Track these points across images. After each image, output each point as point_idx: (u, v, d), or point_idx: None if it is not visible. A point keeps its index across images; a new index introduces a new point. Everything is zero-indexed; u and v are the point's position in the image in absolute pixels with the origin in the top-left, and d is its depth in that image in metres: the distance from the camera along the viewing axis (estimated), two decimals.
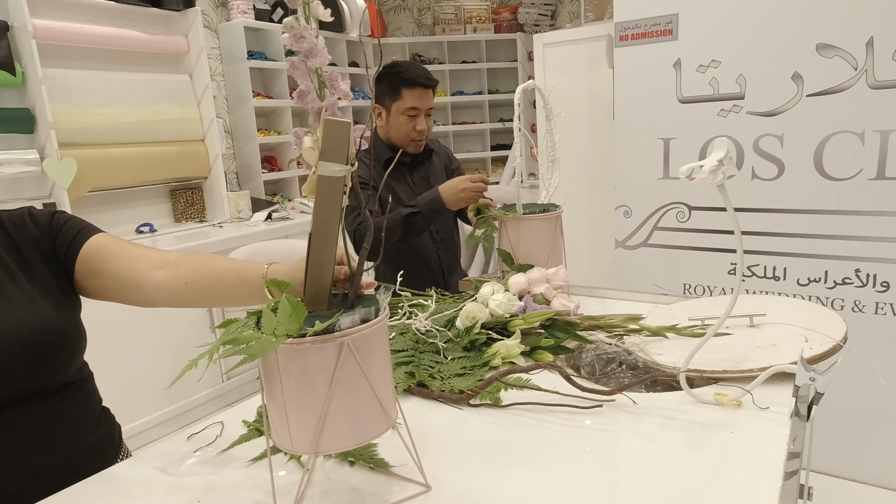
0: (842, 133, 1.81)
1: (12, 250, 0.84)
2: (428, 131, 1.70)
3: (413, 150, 1.72)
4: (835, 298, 1.90)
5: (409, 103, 1.63)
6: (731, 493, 0.67)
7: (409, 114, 1.64)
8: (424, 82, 1.63)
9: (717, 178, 0.78)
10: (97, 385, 0.93)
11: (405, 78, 1.63)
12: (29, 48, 2.39)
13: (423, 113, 1.66)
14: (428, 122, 1.68)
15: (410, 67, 1.66)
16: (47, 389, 0.80)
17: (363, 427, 0.61)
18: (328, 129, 0.57)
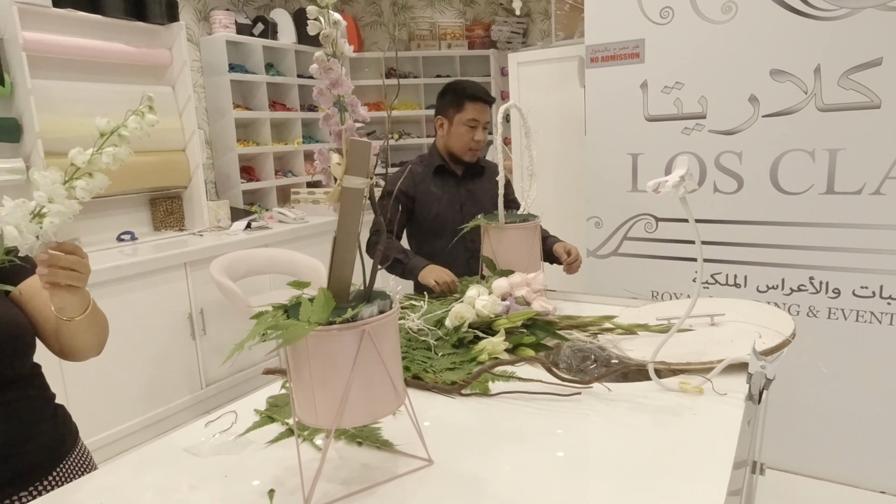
0: (794, 151, 1.98)
1: None
2: (483, 143, 1.85)
3: (469, 159, 1.86)
4: (791, 304, 2.06)
5: (470, 115, 1.78)
6: (692, 464, 0.77)
7: (469, 124, 1.79)
8: (485, 98, 1.81)
9: (679, 191, 0.90)
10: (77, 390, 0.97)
11: (469, 93, 1.81)
12: (19, 59, 2.41)
13: (481, 125, 1.81)
14: (483, 134, 1.83)
15: (473, 84, 1.85)
16: (7, 379, 0.85)
17: (379, 404, 0.70)
18: (352, 148, 0.67)
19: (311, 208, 3.74)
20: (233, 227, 3.28)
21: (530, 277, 1.30)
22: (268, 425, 0.92)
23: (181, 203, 3.36)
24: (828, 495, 2.00)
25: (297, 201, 3.84)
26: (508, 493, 0.72)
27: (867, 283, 1.93)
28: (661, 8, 2.07)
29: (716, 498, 0.69)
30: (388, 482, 0.76)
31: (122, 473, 0.82)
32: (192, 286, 2.83)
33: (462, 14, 4.83)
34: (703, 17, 2.02)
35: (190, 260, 2.81)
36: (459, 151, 1.84)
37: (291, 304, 0.72)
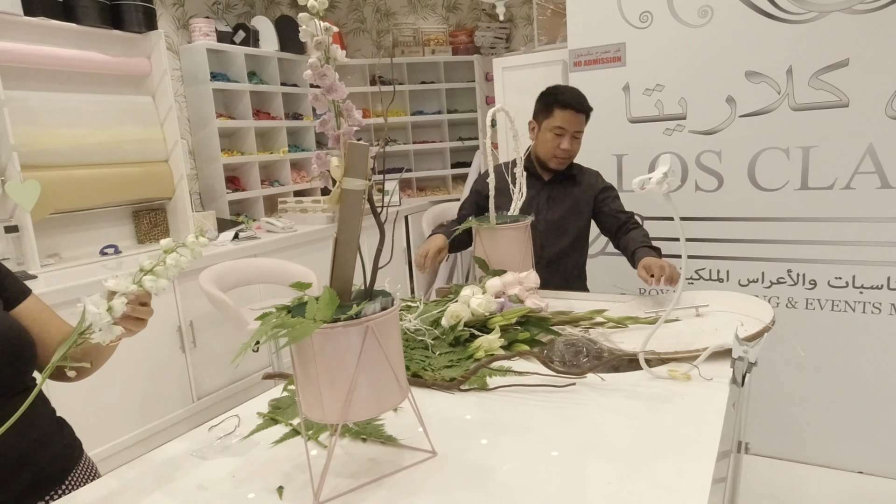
0: (770, 149, 2.05)
1: None
2: (573, 152, 1.82)
3: (555, 166, 1.83)
4: (771, 296, 2.13)
5: (557, 122, 1.76)
6: (683, 443, 0.81)
7: (556, 132, 1.76)
8: (576, 106, 1.76)
9: (662, 188, 0.94)
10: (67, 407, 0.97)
11: (559, 100, 1.77)
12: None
13: (570, 134, 1.77)
14: (573, 143, 1.79)
15: (567, 91, 1.81)
16: (12, 391, 0.86)
17: (384, 398, 0.72)
18: (351, 151, 0.69)
19: (299, 217, 3.74)
20: (220, 238, 3.27)
21: (522, 276, 1.34)
22: (271, 427, 0.94)
23: (165, 215, 3.34)
24: (808, 477, 2.06)
25: (285, 210, 3.83)
26: (513, 480, 0.75)
27: (841, 274, 2.00)
28: (640, 12, 2.14)
29: (705, 475, 0.72)
30: (395, 474, 0.78)
31: (130, 478, 0.83)
32: (181, 298, 2.81)
33: (445, 20, 4.88)
34: (680, 21, 2.09)
35: None
36: (545, 157, 1.82)
37: (295, 304, 0.74)
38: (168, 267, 0.74)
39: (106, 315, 0.69)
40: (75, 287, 2.31)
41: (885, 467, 2.01)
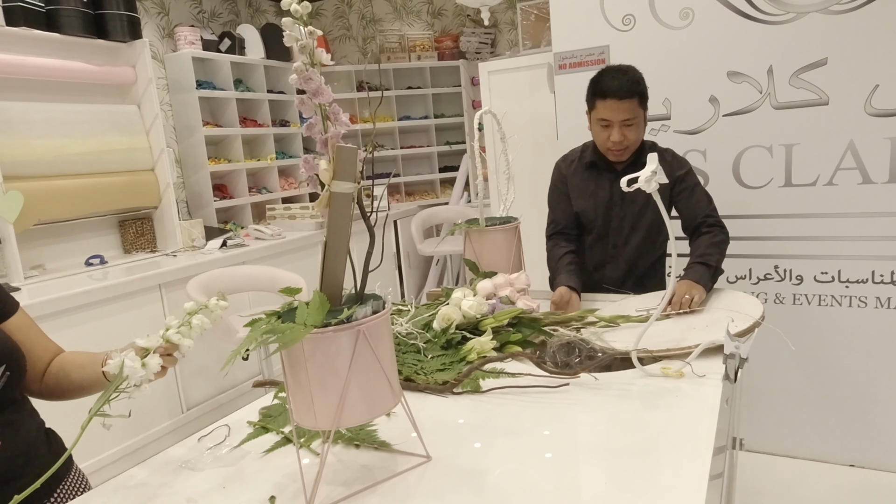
0: (754, 147, 2.07)
1: None
2: (628, 142, 1.58)
3: (613, 159, 1.64)
4: (759, 292, 2.15)
5: (600, 114, 1.57)
6: (678, 441, 0.81)
7: (601, 124, 1.58)
8: (616, 93, 1.53)
9: (651, 185, 0.94)
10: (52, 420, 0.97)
11: (598, 88, 1.57)
12: None
13: (618, 124, 1.55)
14: (627, 132, 1.56)
15: (608, 76, 1.57)
16: (5, 400, 0.85)
17: (377, 403, 0.72)
18: (340, 154, 0.69)
19: (287, 223, 3.72)
20: (208, 246, 3.24)
21: (513, 277, 1.33)
22: (262, 436, 0.93)
23: (152, 224, 3.31)
24: (800, 472, 2.08)
25: (274, 217, 3.81)
26: (508, 482, 0.75)
27: (827, 269, 2.03)
28: (623, 15, 2.16)
29: (701, 472, 0.73)
30: (389, 480, 0.77)
31: (119, 492, 0.81)
32: (168, 308, 2.78)
33: (430, 26, 4.89)
34: (662, 23, 2.11)
35: (164, 281, 2.76)
36: (602, 151, 1.64)
37: (285, 310, 0.74)
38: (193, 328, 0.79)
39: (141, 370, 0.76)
40: (59, 298, 2.26)
41: (877, 459, 2.04)
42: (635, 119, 1.57)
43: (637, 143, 1.62)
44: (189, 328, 0.77)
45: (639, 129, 1.60)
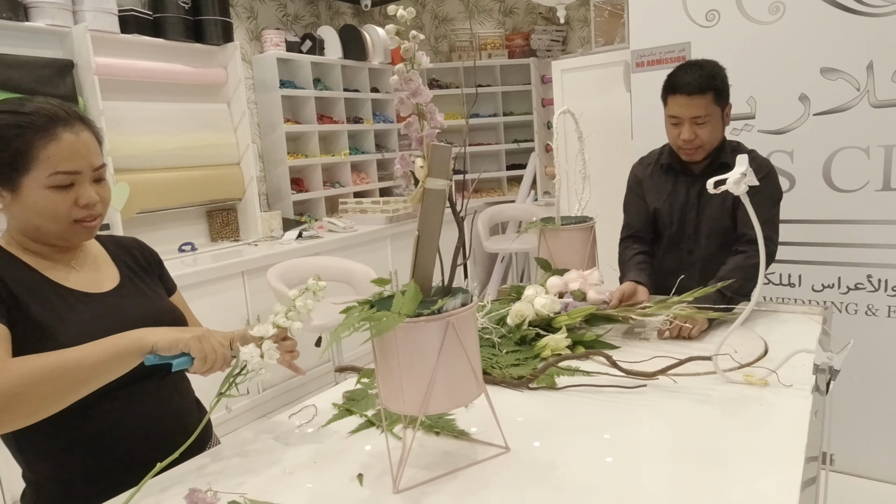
0: (848, 148, 1.94)
1: (135, 263, 1.07)
2: (700, 141, 1.50)
3: (686, 158, 1.57)
4: (849, 303, 2.01)
5: (670, 110, 1.51)
6: (761, 452, 0.79)
7: (672, 121, 1.52)
8: (684, 89, 1.46)
9: (740, 187, 0.92)
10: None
11: (668, 84, 1.52)
12: (91, 83, 2.61)
13: (688, 121, 1.48)
14: (699, 131, 1.48)
15: (681, 71, 1.51)
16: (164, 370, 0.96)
17: (462, 392, 0.75)
18: (434, 152, 0.73)
19: (358, 217, 3.85)
20: (285, 237, 3.42)
21: (586, 273, 1.34)
22: (346, 417, 0.99)
23: (236, 214, 3.53)
24: (891, 498, 1.93)
25: (345, 211, 3.96)
26: (585, 478, 0.76)
27: None
28: (707, 11, 2.08)
29: (787, 486, 0.71)
30: (469, 467, 0.81)
31: (219, 458, 0.90)
32: (249, 294, 2.96)
33: (501, 24, 4.90)
34: (749, 18, 2.02)
35: (246, 269, 2.95)
36: (675, 150, 1.58)
37: (376, 299, 0.79)
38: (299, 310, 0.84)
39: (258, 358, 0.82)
40: None
41: None
42: (707, 117, 1.48)
43: (712, 142, 1.53)
44: (296, 312, 0.83)
45: (712, 127, 1.50)
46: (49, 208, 0.87)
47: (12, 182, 0.87)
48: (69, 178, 0.88)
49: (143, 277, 1.05)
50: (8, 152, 0.85)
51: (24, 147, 0.85)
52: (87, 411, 0.87)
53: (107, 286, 0.98)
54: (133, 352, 0.80)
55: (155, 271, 1.10)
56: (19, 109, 0.88)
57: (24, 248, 0.92)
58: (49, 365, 0.77)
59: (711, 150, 1.55)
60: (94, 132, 0.93)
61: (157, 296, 1.05)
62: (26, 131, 0.86)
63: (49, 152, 0.86)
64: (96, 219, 0.93)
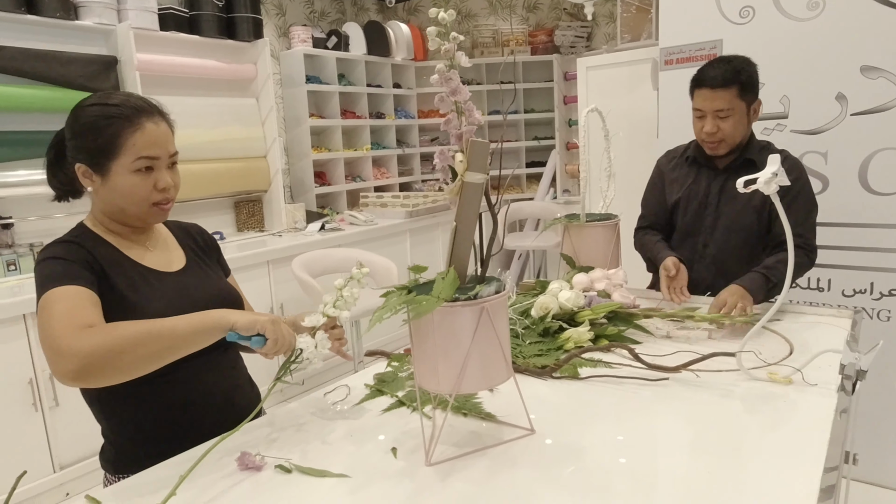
0: (887, 150, 1.91)
1: (196, 246, 1.15)
2: (723, 135, 1.53)
3: (709, 152, 1.59)
4: (881, 309, 1.99)
5: (696, 104, 1.55)
6: (784, 448, 0.80)
7: (696, 115, 1.55)
8: (709, 82, 1.50)
9: (771, 186, 0.93)
10: None
11: (695, 77, 1.55)
12: (133, 79, 2.71)
13: (710, 114, 1.51)
14: (722, 124, 1.51)
15: (708, 65, 1.55)
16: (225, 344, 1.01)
17: (493, 374, 0.78)
18: (473, 147, 0.76)
19: (379, 211, 3.90)
20: (308, 229, 3.48)
21: (611, 273, 1.35)
22: (378, 397, 1.03)
23: (261, 206, 3.61)
24: None
25: (366, 205, 4.01)
26: (608, 462, 0.79)
27: None
28: (740, 7, 2.07)
29: (809, 483, 0.71)
30: (496, 446, 0.84)
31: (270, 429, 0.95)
32: (274, 283, 3.03)
33: (525, 20, 4.89)
34: (786, 14, 2.00)
35: (271, 258, 3.02)
36: (699, 143, 1.61)
37: (413, 285, 0.82)
38: (346, 299, 0.90)
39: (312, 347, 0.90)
40: None
41: None
42: (731, 110, 1.50)
43: (735, 137, 1.54)
44: (343, 301, 0.88)
45: (736, 121, 1.52)
46: (133, 191, 0.96)
47: (103, 167, 0.96)
48: (150, 162, 0.96)
49: (205, 259, 1.14)
50: (101, 140, 0.95)
51: (114, 135, 0.95)
52: (165, 377, 0.95)
53: (175, 266, 1.07)
54: (217, 328, 0.87)
55: (213, 255, 1.18)
56: (107, 101, 0.97)
57: (107, 228, 1.02)
58: (146, 330, 0.84)
59: (735, 145, 1.56)
60: (170, 123, 1.02)
61: (218, 277, 1.14)
62: (116, 121, 0.95)
63: (135, 140, 0.95)
64: (170, 202, 1.01)
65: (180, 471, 0.76)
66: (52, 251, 0.94)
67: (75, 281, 0.90)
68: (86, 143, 0.96)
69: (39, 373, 2.16)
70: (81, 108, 0.98)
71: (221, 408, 1.02)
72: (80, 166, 0.97)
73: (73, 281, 0.90)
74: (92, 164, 0.96)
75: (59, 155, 1.02)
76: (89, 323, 0.85)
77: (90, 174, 0.97)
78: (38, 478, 2.18)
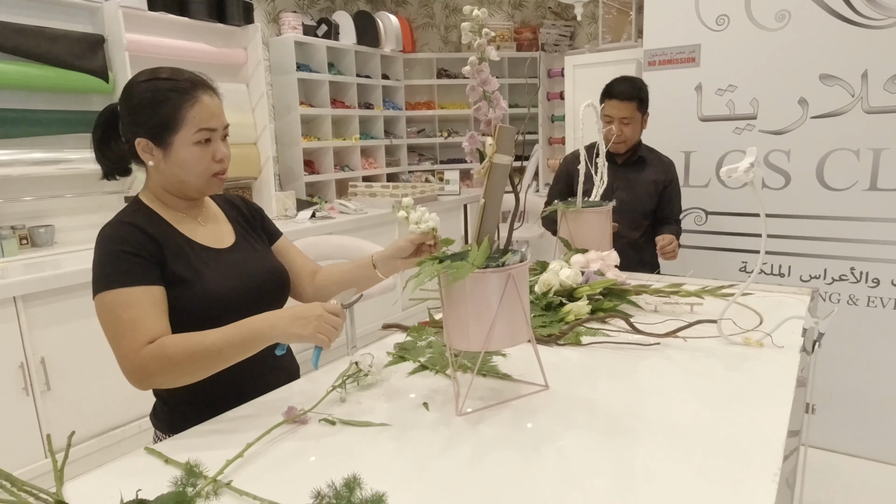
0: (840, 150, 2.11)
1: (242, 218, 1.20)
2: (624, 137, 2.04)
3: (612, 150, 2.04)
4: (832, 293, 2.19)
5: (605, 111, 2.02)
6: (756, 399, 0.95)
7: (605, 120, 2.02)
8: (619, 95, 2.01)
9: (749, 176, 1.08)
10: None
11: (606, 90, 2.04)
12: (122, 59, 2.70)
13: (617, 120, 2.01)
14: (625, 129, 2.02)
15: (616, 82, 2.04)
16: None
17: (516, 333, 0.90)
18: (501, 133, 0.87)
19: (367, 200, 3.98)
20: (299, 216, 3.54)
21: (604, 255, 1.49)
22: (400, 363, 1.14)
23: (251, 193, 3.64)
24: (861, 472, 2.13)
25: (355, 194, 4.08)
26: (616, 409, 0.92)
27: None
28: (717, 16, 2.23)
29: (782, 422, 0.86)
30: (516, 399, 0.96)
31: (303, 390, 1.05)
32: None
33: (511, 17, 5.01)
34: (757, 24, 2.17)
35: None
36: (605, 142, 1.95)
37: (444, 256, 0.93)
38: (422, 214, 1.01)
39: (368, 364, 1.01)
40: None
41: None
42: (632, 118, 2.02)
43: (633, 139, 2.08)
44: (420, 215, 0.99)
45: (634, 127, 2.05)
46: (195, 163, 1.00)
47: (164, 141, 0.99)
48: (209, 134, 1.00)
49: (251, 233, 1.18)
50: (162, 114, 0.98)
51: (174, 109, 0.98)
52: None
53: (226, 242, 1.11)
54: (261, 344, 0.94)
55: (258, 223, 1.22)
56: (159, 76, 1.00)
57: (163, 203, 1.05)
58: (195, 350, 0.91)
59: (632, 145, 2.10)
60: (220, 96, 1.06)
61: (266, 251, 1.18)
62: (175, 95, 0.98)
63: (194, 112, 0.98)
64: (226, 172, 1.06)
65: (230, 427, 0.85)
66: (113, 237, 0.96)
67: (139, 281, 0.94)
68: (145, 118, 0.98)
69: (30, 356, 2.12)
70: (135, 84, 1.00)
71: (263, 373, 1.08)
72: (140, 141, 0.99)
73: (137, 281, 0.93)
74: (153, 138, 0.98)
75: (106, 133, 1.04)
76: (153, 336, 0.92)
77: (151, 148, 0.99)
78: (29, 463, 2.14)
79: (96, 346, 2.04)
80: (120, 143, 1.04)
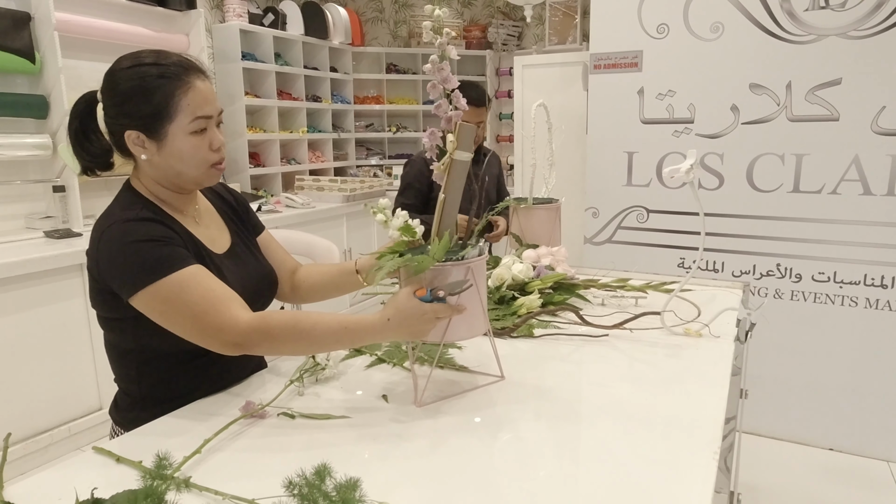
0: (768, 155, 2.28)
1: (234, 214, 1.13)
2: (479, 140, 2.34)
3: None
4: (761, 287, 2.36)
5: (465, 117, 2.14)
6: (696, 384, 1.02)
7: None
8: (475, 102, 2.23)
9: (689, 176, 1.15)
10: None
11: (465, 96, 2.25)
12: (50, 38, 2.52)
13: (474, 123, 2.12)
14: (479, 131, 2.27)
15: (470, 89, 2.17)
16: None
17: (474, 325, 0.92)
18: (461, 130, 0.89)
19: (315, 194, 3.91)
20: None
21: (554, 250, 1.54)
22: (356, 357, 1.14)
23: None
24: (783, 453, 2.31)
25: (302, 188, 4.00)
26: (569, 396, 0.96)
27: (824, 270, 2.24)
28: (657, 24, 2.34)
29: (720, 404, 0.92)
30: (473, 390, 0.98)
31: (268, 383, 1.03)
32: None
33: (459, 14, 5.04)
34: (694, 34, 2.30)
35: None
36: None
37: (405, 250, 0.94)
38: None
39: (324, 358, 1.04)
40: None
41: (855, 445, 2.27)
42: (482, 122, 2.29)
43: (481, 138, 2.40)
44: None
45: (484, 127, 2.35)
46: (193, 154, 0.91)
47: (159, 132, 0.90)
48: (205, 122, 0.92)
49: (243, 230, 1.13)
50: (154, 103, 0.89)
51: (167, 96, 0.89)
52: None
53: (223, 245, 1.05)
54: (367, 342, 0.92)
55: (244, 216, 1.15)
56: (144, 61, 0.90)
57: (158, 197, 0.96)
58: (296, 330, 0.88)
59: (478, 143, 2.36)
60: (210, 80, 0.97)
61: (256, 252, 1.13)
62: (166, 81, 0.89)
63: (188, 100, 0.89)
64: (223, 161, 0.98)
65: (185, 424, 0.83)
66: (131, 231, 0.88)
67: (187, 261, 0.88)
68: (134, 108, 0.89)
69: None
70: (119, 71, 0.91)
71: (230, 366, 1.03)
72: (130, 134, 0.90)
73: (184, 261, 0.88)
74: (145, 130, 0.90)
75: (84, 124, 0.95)
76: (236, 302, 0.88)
77: (143, 141, 0.90)
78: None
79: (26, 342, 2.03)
80: (100, 136, 0.95)
